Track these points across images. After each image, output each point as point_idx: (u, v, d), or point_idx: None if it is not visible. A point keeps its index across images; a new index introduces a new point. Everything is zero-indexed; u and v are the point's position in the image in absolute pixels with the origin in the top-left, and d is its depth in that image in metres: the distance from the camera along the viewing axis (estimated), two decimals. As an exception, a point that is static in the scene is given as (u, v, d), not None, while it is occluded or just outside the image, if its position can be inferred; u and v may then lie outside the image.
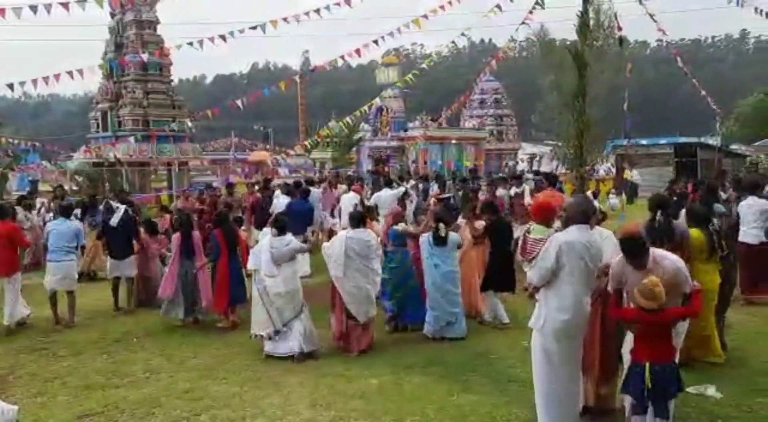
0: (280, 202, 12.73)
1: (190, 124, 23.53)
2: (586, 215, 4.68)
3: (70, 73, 15.29)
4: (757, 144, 36.61)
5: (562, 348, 4.49)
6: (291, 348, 7.02)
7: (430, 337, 7.61)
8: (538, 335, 4.59)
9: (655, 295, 4.17)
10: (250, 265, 7.55)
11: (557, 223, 5.47)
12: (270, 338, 7.09)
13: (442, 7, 17.18)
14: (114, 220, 9.88)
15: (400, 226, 8.28)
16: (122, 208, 10.17)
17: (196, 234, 9.03)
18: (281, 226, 7.46)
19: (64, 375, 6.76)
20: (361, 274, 7.15)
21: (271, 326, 7.08)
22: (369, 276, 7.23)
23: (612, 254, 5.09)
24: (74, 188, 21.08)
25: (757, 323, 7.82)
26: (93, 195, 14.84)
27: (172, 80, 24.92)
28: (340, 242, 7.19)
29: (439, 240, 7.63)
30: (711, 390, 5.57)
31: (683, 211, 7.14)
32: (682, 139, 35.37)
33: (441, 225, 7.72)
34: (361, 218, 7.59)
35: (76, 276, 9.29)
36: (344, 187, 15.13)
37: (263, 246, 7.33)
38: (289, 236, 7.38)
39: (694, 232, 6.15)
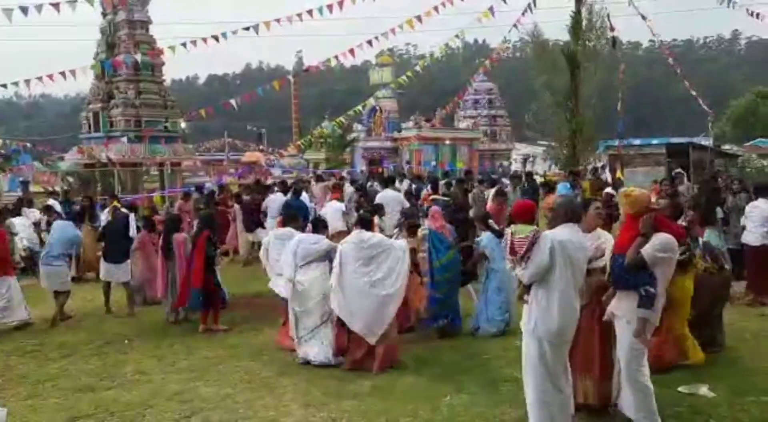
0: (276, 199, 12.73)
1: (183, 124, 23.50)
2: (575, 214, 4.68)
3: (62, 73, 15.28)
4: (748, 144, 36.77)
5: (554, 348, 4.48)
6: (319, 356, 6.72)
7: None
8: (529, 337, 4.56)
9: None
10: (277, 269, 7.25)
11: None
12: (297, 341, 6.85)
13: (435, 8, 17.23)
14: (132, 230, 10.05)
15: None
16: (132, 214, 10.45)
17: (180, 236, 8.99)
18: (315, 225, 7.33)
19: (55, 378, 6.70)
20: (363, 280, 6.44)
21: (293, 331, 6.84)
22: (375, 284, 6.46)
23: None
24: (66, 189, 20.97)
25: (750, 323, 7.83)
26: (90, 196, 14.76)
27: (164, 80, 24.86)
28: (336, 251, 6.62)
29: (499, 235, 7.47)
30: (703, 390, 5.57)
31: None
32: (675, 140, 35.47)
33: (490, 220, 7.78)
34: (367, 221, 7.05)
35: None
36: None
37: (289, 246, 6.93)
38: (318, 236, 7.07)
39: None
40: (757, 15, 18.44)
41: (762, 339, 7.18)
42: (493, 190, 12.46)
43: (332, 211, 11.26)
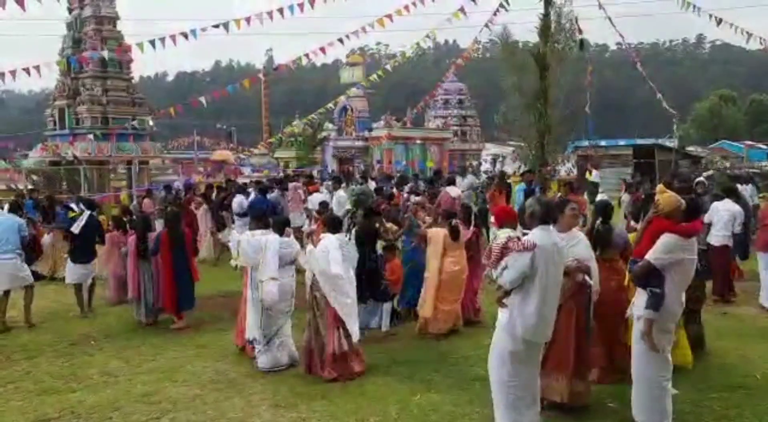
0: (239, 200, 12.74)
1: (151, 121, 23.12)
2: (550, 215, 4.73)
3: (26, 69, 14.89)
4: (713, 145, 37.64)
5: (530, 349, 4.54)
6: (283, 360, 6.69)
7: None
8: (506, 337, 4.56)
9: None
10: (242, 261, 6.95)
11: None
12: (257, 343, 6.67)
13: (406, 8, 17.25)
14: (76, 228, 9.43)
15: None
16: (86, 213, 9.70)
17: (152, 235, 8.89)
18: (282, 227, 7.06)
19: (18, 380, 6.58)
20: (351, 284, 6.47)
21: (258, 331, 6.64)
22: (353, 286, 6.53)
23: (586, 256, 5.29)
24: (30, 187, 20.52)
25: (713, 321, 7.99)
26: (51, 196, 14.46)
27: (132, 77, 24.41)
28: (335, 244, 6.40)
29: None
30: (667, 387, 5.67)
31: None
32: (641, 141, 36.11)
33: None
34: (339, 223, 6.99)
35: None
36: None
37: (270, 244, 6.62)
38: (290, 239, 6.97)
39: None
40: (720, 21, 18.80)
41: (724, 337, 7.36)
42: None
43: (317, 201, 12.15)
